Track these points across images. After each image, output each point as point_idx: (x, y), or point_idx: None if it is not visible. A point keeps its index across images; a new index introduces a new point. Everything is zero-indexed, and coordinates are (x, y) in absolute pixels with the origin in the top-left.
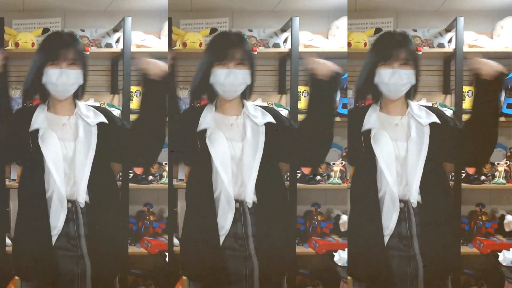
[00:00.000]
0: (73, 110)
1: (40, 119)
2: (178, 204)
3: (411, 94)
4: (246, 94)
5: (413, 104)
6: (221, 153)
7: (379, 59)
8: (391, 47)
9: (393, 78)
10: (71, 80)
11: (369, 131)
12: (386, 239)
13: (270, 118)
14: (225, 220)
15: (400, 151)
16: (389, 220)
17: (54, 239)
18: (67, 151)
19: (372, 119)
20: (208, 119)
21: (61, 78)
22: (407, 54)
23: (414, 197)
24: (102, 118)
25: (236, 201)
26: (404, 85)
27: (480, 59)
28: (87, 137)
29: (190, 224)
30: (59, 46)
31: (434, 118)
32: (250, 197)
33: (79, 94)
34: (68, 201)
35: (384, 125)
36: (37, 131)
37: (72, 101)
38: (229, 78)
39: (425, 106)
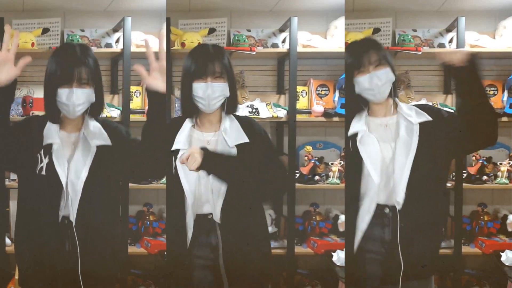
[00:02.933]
0: (80, 127)
1: (53, 133)
2: None
3: (395, 92)
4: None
5: (403, 103)
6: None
7: (353, 69)
8: (360, 54)
9: (373, 82)
10: (80, 100)
11: (355, 134)
12: (357, 241)
13: (426, 117)
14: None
15: (388, 152)
16: (362, 222)
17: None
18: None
19: (359, 123)
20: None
21: (72, 98)
22: (377, 55)
23: (401, 197)
24: (105, 141)
25: (386, 206)
26: (384, 85)
27: (445, 51)
28: (84, 155)
29: None
30: (73, 64)
31: (425, 117)
32: (401, 197)
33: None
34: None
35: (373, 128)
36: (50, 145)
37: (82, 118)
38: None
39: (415, 105)
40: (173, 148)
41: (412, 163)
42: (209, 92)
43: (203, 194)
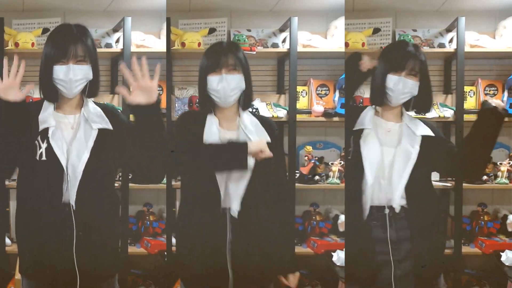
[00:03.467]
0: (78, 108)
1: (48, 117)
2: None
3: (411, 104)
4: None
5: (409, 114)
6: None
7: (391, 68)
8: (395, 55)
9: (399, 85)
10: (77, 77)
11: (360, 131)
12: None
13: (429, 132)
14: None
15: (388, 156)
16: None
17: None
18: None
19: (366, 120)
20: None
21: (69, 74)
22: (417, 65)
23: (397, 203)
24: (106, 124)
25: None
26: (406, 93)
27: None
28: (86, 138)
29: None
30: (69, 41)
31: (428, 132)
32: (397, 203)
33: (91, 90)
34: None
35: (377, 129)
36: (46, 130)
37: (79, 99)
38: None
39: (421, 120)
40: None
41: (411, 171)
42: (224, 84)
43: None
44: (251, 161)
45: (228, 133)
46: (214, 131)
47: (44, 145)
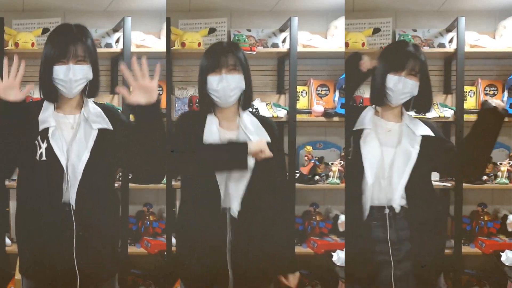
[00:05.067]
0: (78, 108)
1: (48, 117)
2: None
3: (411, 104)
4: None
5: (409, 114)
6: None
7: (390, 68)
8: (395, 55)
9: (399, 86)
10: (77, 77)
11: (360, 131)
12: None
13: (429, 132)
14: None
15: (388, 156)
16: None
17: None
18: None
19: (366, 120)
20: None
21: (69, 74)
22: (417, 64)
23: (397, 203)
24: (106, 124)
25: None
26: (406, 93)
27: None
28: (86, 138)
29: None
30: (69, 41)
31: (428, 132)
32: (397, 203)
33: (91, 90)
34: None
35: (377, 129)
36: (46, 130)
37: (79, 99)
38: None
39: (421, 120)
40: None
41: (411, 171)
42: (224, 84)
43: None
44: (251, 161)
45: (228, 133)
46: (214, 131)
47: (44, 145)
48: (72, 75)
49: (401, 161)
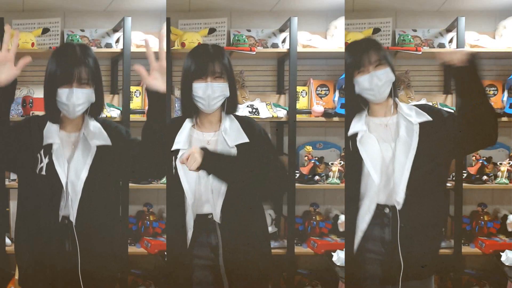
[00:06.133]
0: (80, 127)
1: (53, 133)
2: None
3: (394, 92)
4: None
5: (403, 103)
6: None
7: (353, 69)
8: (360, 54)
9: (373, 82)
10: (80, 101)
11: (355, 134)
12: (357, 241)
13: (426, 117)
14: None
15: (388, 152)
16: (362, 222)
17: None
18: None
19: (359, 123)
20: None
21: (72, 98)
22: (377, 55)
23: (401, 197)
24: (105, 141)
25: (386, 206)
26: (384, 85)
27: (445, 51)
28: (84, 155)
29: None
30: (73, 64)
31: (425, 117)
32: (401, 197)
33: (94, 110)
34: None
35: (373, 128)
36: (50, 145)
37: (82, 118)
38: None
39: (415, 105)
40: (173, 148)
41: (412, 163)
42: (209, 92)
43: (203, 194)
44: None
45: (205, 135)
46: (185, 131)
47: (46, 160)
48: (75, 99)
49: (402, 154)
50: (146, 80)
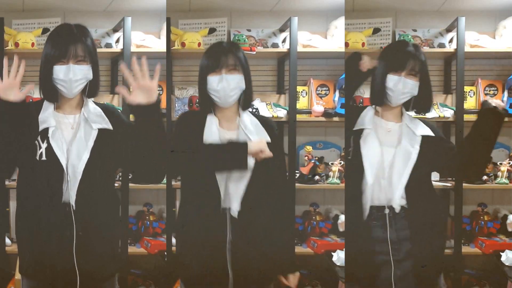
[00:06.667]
0: (78, 108)
1: (48, 117)
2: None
3: (410, 105)
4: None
5: (409, 114)
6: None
7: (389, 66)
8: (403, 55)
9: (406, 86)
10: (77, 77)
11: (360, 131)
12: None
13: (429, 132)
14: None
15: (388, 156)
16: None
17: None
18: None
19: (366, 120)
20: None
21: (69, 74)
22: (417, 65)
23: (397, 203)
24: (106, 124)
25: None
26: (405, 93)
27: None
28: (86, 138)
29: None
30: (69, 41)
31: (428, 131)
32: (397, 203)
33: (91, 90)
34: (66, 204)
35: (377, 129)
36: (46, 130)
37: (79, 99)
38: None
39: (421, 120)
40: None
41: (410, 172)
42: (224, 84)
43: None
44: (251, 161)
45: (228, 133)
46: (214, 131)
47: (44, 145)
48: (72, 75)
49: (401, 161)
50: (127, 100)
